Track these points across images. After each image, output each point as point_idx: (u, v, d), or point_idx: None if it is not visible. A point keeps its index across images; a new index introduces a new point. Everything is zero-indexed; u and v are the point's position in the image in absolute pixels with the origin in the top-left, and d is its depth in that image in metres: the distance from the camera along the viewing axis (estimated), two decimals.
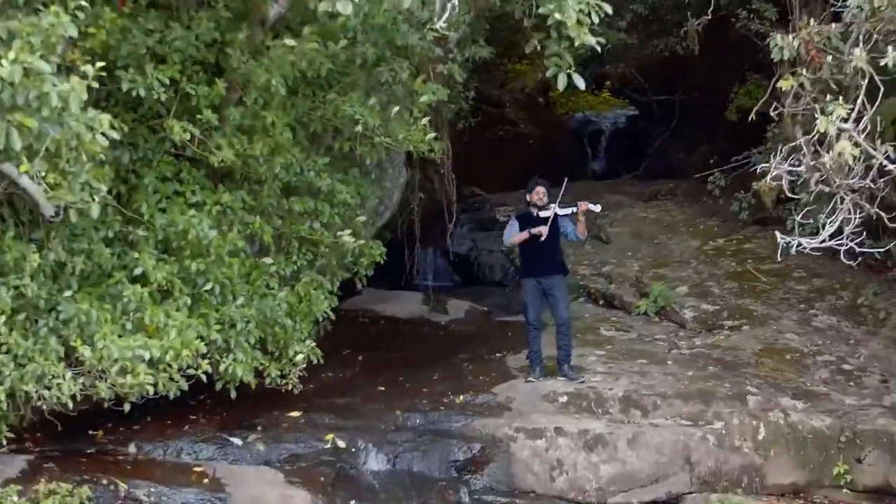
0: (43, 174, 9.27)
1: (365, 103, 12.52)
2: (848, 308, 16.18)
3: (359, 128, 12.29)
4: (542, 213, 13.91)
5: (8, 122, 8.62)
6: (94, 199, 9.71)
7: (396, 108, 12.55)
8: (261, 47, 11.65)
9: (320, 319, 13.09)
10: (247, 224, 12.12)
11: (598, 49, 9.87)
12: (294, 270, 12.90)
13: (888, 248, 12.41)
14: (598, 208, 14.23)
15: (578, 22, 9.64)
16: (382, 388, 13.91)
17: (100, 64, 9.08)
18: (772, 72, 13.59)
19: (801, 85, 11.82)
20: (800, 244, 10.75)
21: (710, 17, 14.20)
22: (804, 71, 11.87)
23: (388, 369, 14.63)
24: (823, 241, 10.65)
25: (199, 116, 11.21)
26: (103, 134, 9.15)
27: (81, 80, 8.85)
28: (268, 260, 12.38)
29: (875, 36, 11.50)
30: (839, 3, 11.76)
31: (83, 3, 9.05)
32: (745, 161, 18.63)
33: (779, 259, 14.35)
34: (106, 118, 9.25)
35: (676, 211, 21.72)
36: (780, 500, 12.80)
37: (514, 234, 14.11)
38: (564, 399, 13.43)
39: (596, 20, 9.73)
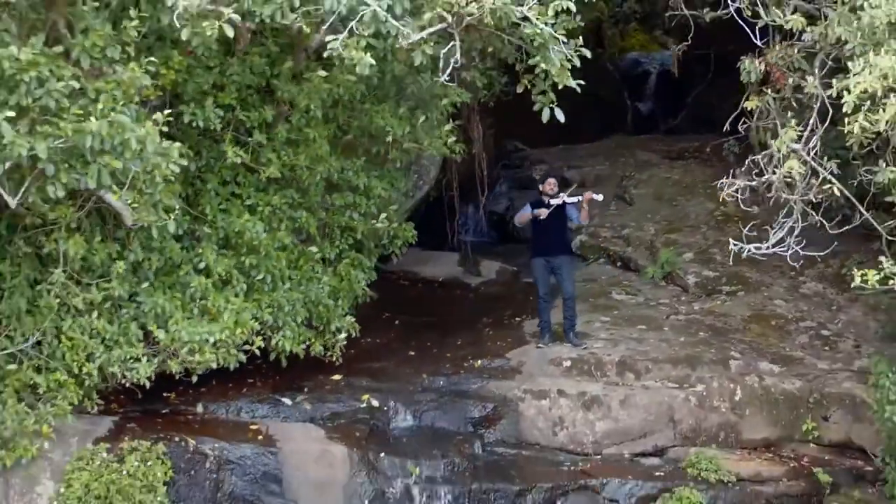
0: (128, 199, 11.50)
1: (395, 113, 14.62)
2: (834, 275, 17.99)
3: (389, 137, 14.42)
4: (553, 202, 16.00)
5: (98, 164, 10.86)
6: (170, 217, 11.97)
7: (423, 118, 14.62)
8: (304, 71, 13.74)
9: (360, 295, 15.30)
10: (294, 219, 14.32)
11: (578, 90, 11.82)
12: (337, 253, 15.15)
13: (825, 252, 14.30)
14: (600, 198, 16.30)
15: (561, 66, 11.67)
16: (413, 353, 16.19)
17: (167, 112, 11.27)
18: None
19: (767, 103, 13.79)
20: (749, 249, 12.80)
21: (689, 41, 15.95)
22: (769, 91, 13.82)
23: (419, 334, 16.87)
24: (769, 247, 12.68)
25: (249, 139, 13.42)
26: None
27: (154, 125, 11.03)
28: (313, 248, 14.61)
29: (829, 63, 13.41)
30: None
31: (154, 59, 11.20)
32: None
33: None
34: (176, 148, 11.41)
35: (699, 171, 23.21)
36: (752, 454, 14.96)
37: (523, 215, 16.24)
38: (568, 364, 15.61)
39: (577, 63, 11.73)
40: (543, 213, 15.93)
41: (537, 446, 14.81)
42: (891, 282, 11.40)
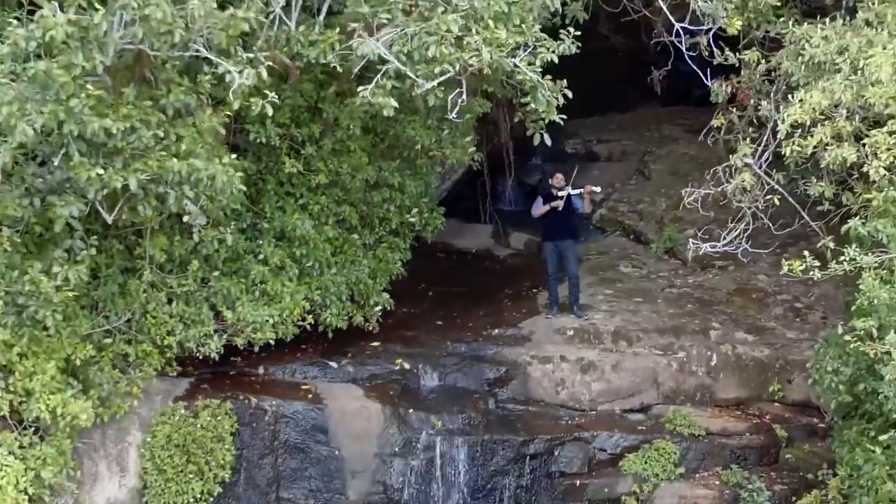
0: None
1: (424, 124, 17.41)
2: (814, 252, 20.51)
3: (418, 146, 17.26)
4: (560, 193, 18.76)
5: (179, 191, 13.75)
6: (230, 226, 14.97)
7: (447, 131, 17.42)
8: (346, 94, 16.55)
9: (395, 273, 18.24)
10: (339, 213, 17.26)
11: (561, 122, 14.53)
12: (376, 239, 18.10)
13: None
14: (598, 189, 19.13)
15: (548, 104, 14.39)
16: (440, 323, 19.15)
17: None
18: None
19: (731, 121, 16.45)
20: (703, 248, 15.58)
21: (668, 68, 18.52)
22: (734, 109, 16.46)
23: (448, 305, 19.81)
24: (721, 246, 15.46)
25: (302, 151, 16.38)
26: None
27: (224, 166, 13.87)
28: (355, 236, 17.56)
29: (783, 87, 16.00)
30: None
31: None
32: None
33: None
34: (238, 177, 14.12)
35: (717, 146, 25.62)
36: (722, 412, 17.78)
37: (539, 208, 18.98)
38: (571, 333, 18.49)
39: (562, 101, 14.45)
40: (560, 204, 18.64)
41: (542, 403, 17.75)
42: (811, 272, 13.90)
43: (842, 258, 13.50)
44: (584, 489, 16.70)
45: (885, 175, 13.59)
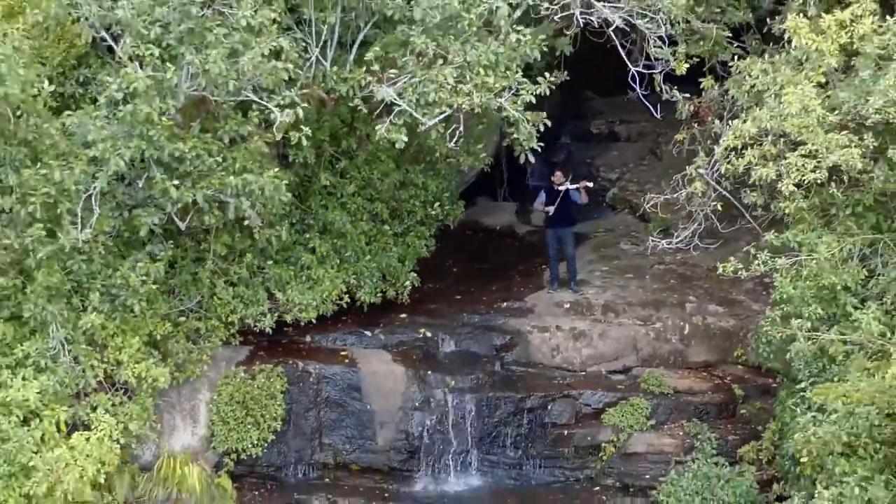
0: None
1: (442, 136, 20.97)
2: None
3: (437, 154, 20.87)
4: (559, 188, 22.26)
5: (238, 201, 17.49)
6: (283, 225, 18.78)
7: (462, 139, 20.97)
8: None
9: (421, 255, 21.98)
10: (372, 209, 21.02)
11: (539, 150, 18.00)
12: (405, 229, 21.83)
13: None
14: (591, 185, 22.53)
15: (529, 135, 17.86)
16: (459, 297, 22.87)
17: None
18: None
19: (693, 136, 19.82)
20: (660, 244, 19.07)
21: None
22: (696, 125, 19.82)
23: (467, 281, 23.51)
24: (674, 243, 18.94)
25: (339, 162, 20.15)
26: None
27: (272, 178, 17.57)
28: (386, 227, 21.32)
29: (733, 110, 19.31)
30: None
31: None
32: None
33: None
34: (285, 185, 17.81)
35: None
36: (690, 373, 21.28)
37: (539, 203, 22.47)
38: (567, 306, 22.09)
39: (542, 129, 17.91)
40: (551, 209, 22.13)
41: (540, 365, 21.38)
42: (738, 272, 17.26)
43: (756, 262, 16.81)
44: (571, 437, 20.33)
45: (794, 190, 16.85)
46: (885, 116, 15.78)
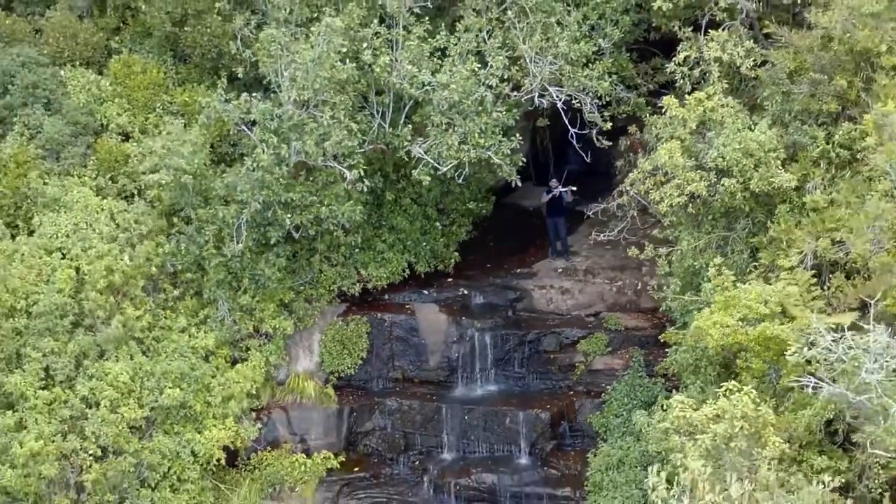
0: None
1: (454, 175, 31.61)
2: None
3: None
4: (555, 191, 32.55)
5: (318, 208, 28.48)
6: (359, 232, 29.87)
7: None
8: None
9: (462, 238, 32.80)
10: (424, 212, 31.85)
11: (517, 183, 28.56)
12: (450, 221, 32.62)
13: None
14: (575, 189, 32.60)
15: (510, 172, 28.44)
16: (489, 266, 33.35)
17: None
18: None
19: (629, 161, 29.96)
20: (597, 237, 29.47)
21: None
22: (631, 154, 29.94)
23: (499, 255, 33.78)
24: (608, 237, 29.30)
25: (397, 185, 31.06)
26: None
27: (350, 207, 28.51)
28: (436, 223, 32.08)
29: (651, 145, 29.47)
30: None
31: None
32: None
33: None
34: (359, 203, 28.83)
35: None
36: (640, 315, 31.47)
37: (543, 199, 32.87)
38: (560, 270, 32.53)
39: (520, 163, 28.47)
40: (549, 196, 32.57)
41: (539, 312, 31.83)
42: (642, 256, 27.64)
43: (646, 251, 27.09)
44: (556, 360, 30.74)
45: (667, 210, 26.94)
46: (717, 163, 25.78)
